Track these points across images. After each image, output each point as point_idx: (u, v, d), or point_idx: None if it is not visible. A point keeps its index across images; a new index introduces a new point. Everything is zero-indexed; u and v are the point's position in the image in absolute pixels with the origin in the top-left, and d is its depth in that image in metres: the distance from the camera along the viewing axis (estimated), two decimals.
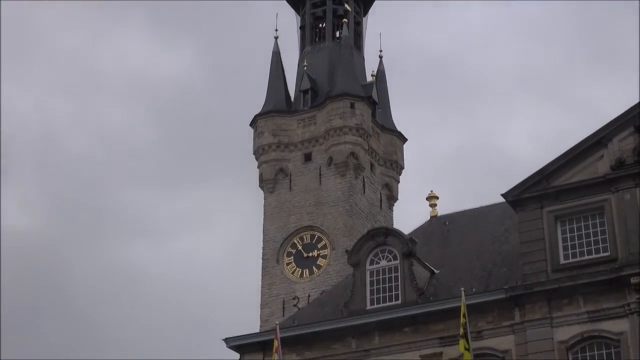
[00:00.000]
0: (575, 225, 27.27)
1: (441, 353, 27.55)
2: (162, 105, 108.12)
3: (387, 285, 29.47)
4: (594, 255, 26.72)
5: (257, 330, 38.68)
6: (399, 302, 28.95)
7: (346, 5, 50.89)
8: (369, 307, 29.30)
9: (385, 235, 30.07)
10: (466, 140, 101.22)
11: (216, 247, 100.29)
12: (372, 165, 48.05)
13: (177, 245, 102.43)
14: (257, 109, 49.33)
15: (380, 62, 51.92)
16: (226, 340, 30.24)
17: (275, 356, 27.71)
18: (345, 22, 49.96)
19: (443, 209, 35.51)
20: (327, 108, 47.37)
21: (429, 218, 35.14)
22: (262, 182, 47.59)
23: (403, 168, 50.09)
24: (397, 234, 30.13)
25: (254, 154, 48.47)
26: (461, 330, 25.67)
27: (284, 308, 43.07)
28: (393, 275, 29.47)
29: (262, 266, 45.37)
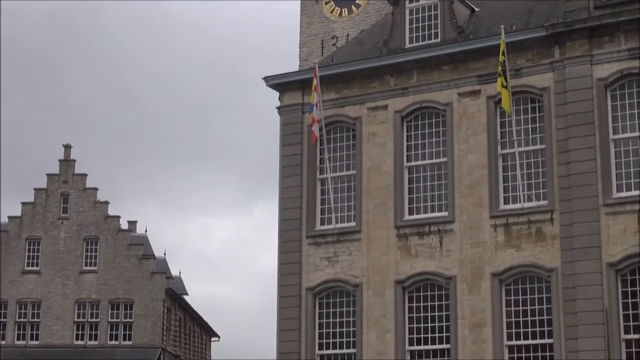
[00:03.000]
0: None
1: (479, 91, 27.77)
2: None
3: (426, 23, 29.31)
4: None
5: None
6: (438, 40, 28.89)
7: None
8: (408, 45, 29.30)
9: None
10: None
11: None
12: None
13: None
14: None
15: None
16: (266, 78, 30.57)
17: (314, 94, 28.08)
18: None
19: None
20: None
21: None
22: None
23: None
24: None
25: None
26: (499, 68, 25.72)
27: (322, 47, 43.07)
28: (433, 13, 29.23)
29: (301, 6, 44.97)
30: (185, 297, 56.63)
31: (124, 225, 51.59)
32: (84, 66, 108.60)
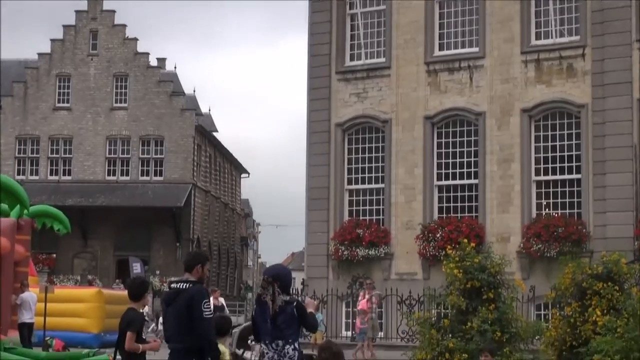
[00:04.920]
0: None
1: None
2: None
3: None
4: None
5: None
6: None
7: None
8: None
9: None
10: None
11: None
12: None
13: None
14: None
15: None
16: None
17: None
18: None
19: None
20: None
21: None
22: None
23: None
24: None
25: None
26: None
27: None
28: None
29: None
30: (214, 134, 57.04)
31: (153, 62, 51.50)
32: None
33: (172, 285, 9.22)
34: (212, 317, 9.08)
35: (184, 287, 9.07)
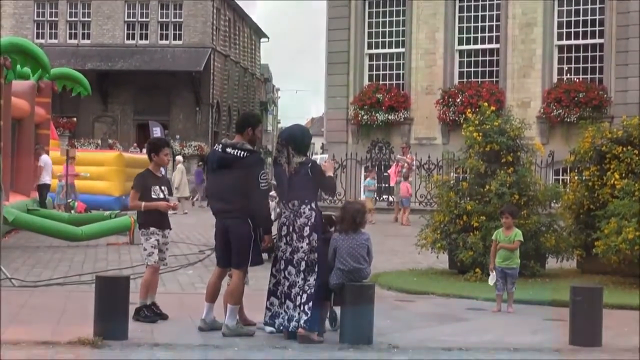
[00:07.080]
0: None
1: None
2: None
3: None
4: None
5: None
6: None
7: None
8: None
9: None
10: None
11: None
12: None
13: None
14: None
15: None
16: None
17: None
18: None
19: None
20: None
21: None
22: None
23: None
24: None
25: None
26: None
27: None
28: None
29: None
30: None
31: None
32: None
33: (228, 150, 8.95)
34: (267, 189, 9.00)
35: (240, 154, 8.86)
